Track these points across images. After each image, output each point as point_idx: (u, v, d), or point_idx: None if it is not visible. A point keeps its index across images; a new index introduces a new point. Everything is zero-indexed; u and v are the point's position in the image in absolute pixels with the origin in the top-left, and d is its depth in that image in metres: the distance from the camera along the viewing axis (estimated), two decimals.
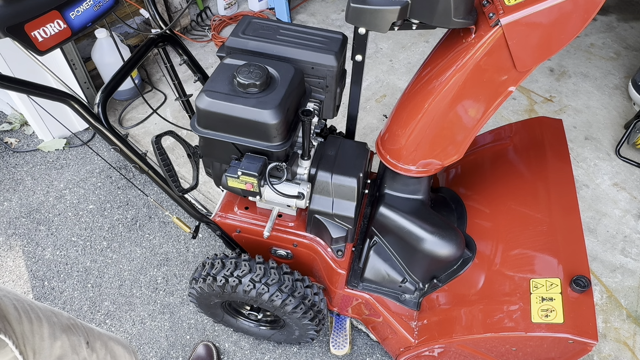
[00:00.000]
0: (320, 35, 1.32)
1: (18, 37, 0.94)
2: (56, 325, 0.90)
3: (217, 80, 1.19)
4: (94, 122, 1.16)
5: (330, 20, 3.66)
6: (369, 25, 1.06)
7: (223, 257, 1.49)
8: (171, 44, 1.41)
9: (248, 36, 1.31)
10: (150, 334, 1.98)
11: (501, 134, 1.87)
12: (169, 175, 1.30)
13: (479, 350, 1.40)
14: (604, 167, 2.58)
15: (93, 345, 0.99)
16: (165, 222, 2.35)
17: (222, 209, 1.59)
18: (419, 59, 3.28)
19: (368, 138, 2.70)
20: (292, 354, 1.91)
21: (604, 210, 2.37)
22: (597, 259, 2.17)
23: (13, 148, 2.67)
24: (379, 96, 3.00)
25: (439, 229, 1.47)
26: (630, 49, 3.36)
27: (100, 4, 1.10)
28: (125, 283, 2.13)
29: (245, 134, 1.19)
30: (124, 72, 1.24)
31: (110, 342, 1.08)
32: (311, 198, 1.41)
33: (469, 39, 1.06)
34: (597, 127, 2.80)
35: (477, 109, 1.17)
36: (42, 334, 0.85)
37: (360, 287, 1.62)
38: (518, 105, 2.95)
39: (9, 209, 2.39)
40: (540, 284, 1.30)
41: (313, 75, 1.32)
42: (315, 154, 1.43)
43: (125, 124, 2.80)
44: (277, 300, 1.41)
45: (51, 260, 2.20)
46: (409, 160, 1.34)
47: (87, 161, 2.63)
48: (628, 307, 2.02)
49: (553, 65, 3.24)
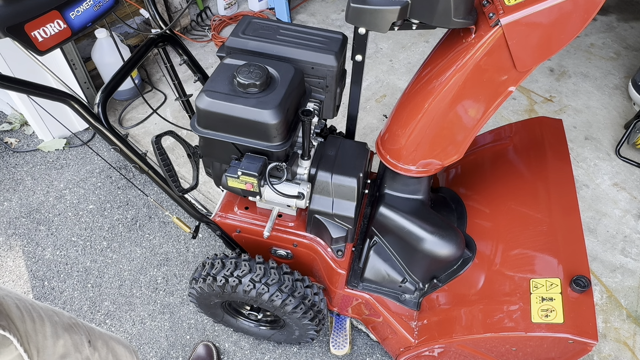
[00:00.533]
0: (320, 35, 1.32)
1: (18, 37, 0.94)
2: (58, 324, 0.90)
3: (217, 80, 1.19)
4: (94, 122, 1.16)
5: (330, 20, 3.66)
6: (369, 25, 1.06)
7: (223, 257, 1.49)
8: (171, 44, 1.41)
9: (248, 36, 1.31)
10: (150, 334, 1.98)
11: (501, 134, 1.87)
12: (169, 175, 1.30)
13: (479, 350, 1.40)
14: (604, 167, 2.58)
15: (95, 344, 1.00)
16: (165, 222, 2.35)
17: (222, 209, 1.59)
18: (419, 59, 3.28)
19: (368, 138, 2.70)
20: (292, 354, 1.91)
21: (604, 210, 2.37)
22: (597, 259, 2.17)
23: (13, 148, 2.67)
24: (379, 96, 3.00)
25: (439, 229, 1.47)
26: (630, 49, 3.36)
27: (100, 4, 1.10)
28: (125, 283, 2.13)
29: (245, 134, 1.19)
30: (124, 72, 1.24)
31: (111, 341, 1.08)
32: (311, 198, 1.41)
33: (469, 39, 1.06)
34: (597, 127, 2.80)
35: (477, 109, 1.17)
36: (45, 332, 0.85)
37: (360, 287, 1.62)
38: (518, 105, 2.95)
39: (9, 209, 2.39)
40: (540, 284, 1.30)
41: (313, 75, 1.32)
42: (315, 154, 1.43)
43: (125, 124, 2.80)
44: (277, 300, 1.41)
45: (51, 260, 2.20)
46: (409, 160, 1.34)
47: (87, 161, 2.63)
48: (628, 307, 2.02)
49: (553, 65, 3.24)
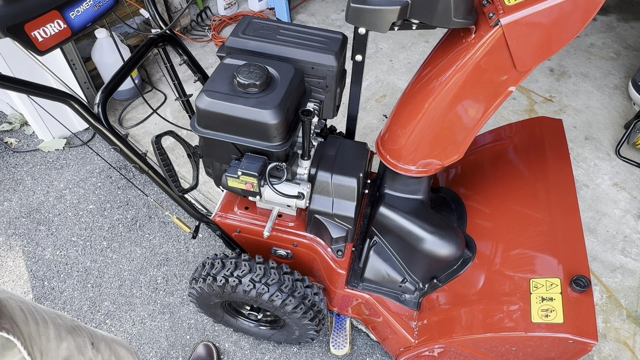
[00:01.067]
0: (320, 35, 1.32)
1: (18, 37, 0.94)
2: (61, 326, 0.90)
3: (217, 80, 1.19)
4: (94, 122, 1.16)
5: (330, 20, 3.65)
6: (369, 25, 1.06)
7: (223, 257, 1.49)
8: (171, 44, 1.41)
9: (248, 36, 1.30)
10: (150, 334, 1.98)
11: (501, 134, 1.87)
12: (169, 175, 1.30)
13: (479, 350, 1.40)
14: (604, 167, 2.58)
15: (98, 346, 1.00)
16: (165, 222, 2.35)
17: (222, 209, 1.59)
18: (419, 59, 3.28)
19: (368, 138, 2.70)
20: (292, 354, 1.91)
21: (604, 210, 2.37)
22: (597, 259, 2.17)
23: (13, 148, 2.67)
24: (379, 96, 3.00)
25: (439, 229, 1.47)
26: (630, 49, 3.36)
27: (100, 4, 1.10)
28: (125, 283, 2.13)
29: (245, 134, 1.19)
30: (124, 72, 1.24)
31: (113, 343, 1.09)
32: (311, 198, 1.41)
33: (469, 39, 1.06)
34: (597, 127, 2.80)
35: (477, 109, 1.17)
36: (49, 335, 0.85)
37: (360, 287, 1.62)
38: (518, 105, 2.95)
39: (9, 209, 2.39)
40: (540, 284, 1.30)
41: (313, 75, 1.32)
42: (315, 154, 1.43)
43: (125, 124, 2.80)
44: (277, 300, 1.41)
45: (51, 260, 2.20)
46: (409, 160, 1.34)
47: (87, 161, 2.63)
48: (628, 307, 2.02)
49: (553, 65, 3.24)
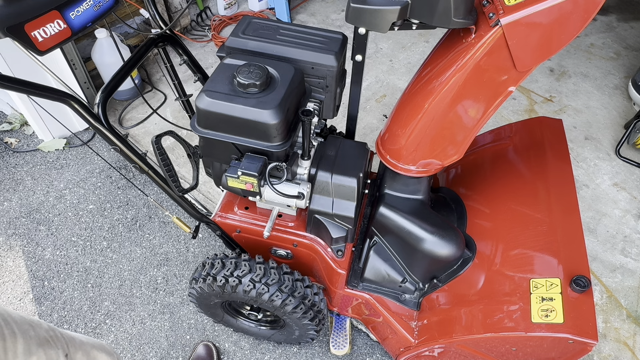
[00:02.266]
0: (320, 35, 1.32)
1: (18, 37, 0.94)
2: (32, 339, 0.88)
3: (217, 80, 1.19)
4: (94, 122, 1.16)
5: (330, 20, 3.65)
6: (369, 25, 1.06)
7: (223, 257, 1.49)
8: (171, 44, 1.41)
9: (248, 36, 1.30)
10: (150, 334, 1.98)
11: (501, 134, 1.87)
12: (169, 175, 1.30)
13: (479, 350, 1.40)
14: (604, 167, 2.58)
15: (73, 356, 0.97)
16: (165, 222, 2.35)
17: (222, 209, 1.59)
18: (419, 59, 3.28)
19: (368, 138, 2.70)
20: (292, 354, 1.91)
21: (604, 210, 2.37)
22: (597, 259, 2.17)
23: (13, 148, 2.67)
24: (379, 96, 3.00)
25: (439, 229, 1.47)
26: (630, 49, 3.36)
27: (100, 4, 1.10)
28: (125, 283, 2.13)
29: (245, 134, 1.19)
30: (124, 72, 1.24)
31: (93, 350, 1.06)
32: (311, 198, 1.41)
33: (469, 39, 1.06)
34: (597, 127, 2.80)
35: (477, 109, 1.17)
36: (16, 350, 0.83)
37: (360, 287, 1.62)
38: (518, 105, 2.95)
39: (9, 209, 2.39)
40: (540, 284, 1.30)
41: (313, 75, 1.32)
42: (315, 154, 1.43)
43: (125, 124, 2.80)
44: (277, 300, 1.41)
45: (51, 260, 2.20)
46: (409, 160, 1.34)
47: (87, 161, 2.63)
48: (628, 307, 2.02)
49: (553, 65, 3.24)
